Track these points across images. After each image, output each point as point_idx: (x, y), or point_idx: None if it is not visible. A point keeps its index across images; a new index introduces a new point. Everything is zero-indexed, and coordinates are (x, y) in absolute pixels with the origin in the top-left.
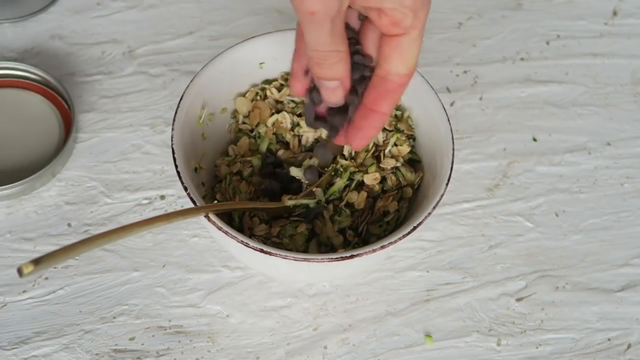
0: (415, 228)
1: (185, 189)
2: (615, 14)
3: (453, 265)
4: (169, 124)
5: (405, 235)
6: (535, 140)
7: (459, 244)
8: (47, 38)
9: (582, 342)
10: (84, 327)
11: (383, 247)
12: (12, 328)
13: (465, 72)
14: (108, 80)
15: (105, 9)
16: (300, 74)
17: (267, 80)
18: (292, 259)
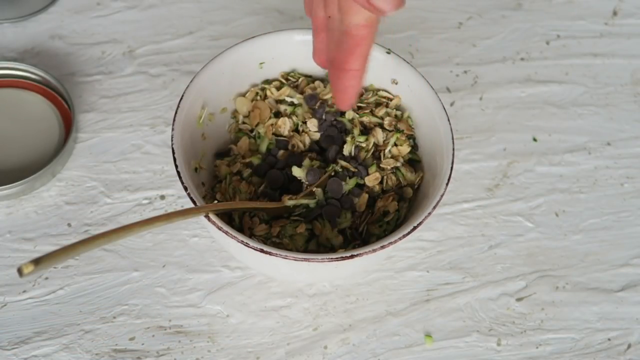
0: (415, 228)
1: (186, 189)
2: (615, 14)
3: (453, 265)
4: (169, 124)
5: (406, 235)
6: (535, 140)
7: (459, 244)
8: (47, 38)
9: (582, 342)
10: (84, 327)
11: (383, 247)
12: (12, 328)
13: (465, 72)
14: (108, 80)
15: (105, 9)
16: (320, 50)
17: (267, 80)
18: (292, 259)
